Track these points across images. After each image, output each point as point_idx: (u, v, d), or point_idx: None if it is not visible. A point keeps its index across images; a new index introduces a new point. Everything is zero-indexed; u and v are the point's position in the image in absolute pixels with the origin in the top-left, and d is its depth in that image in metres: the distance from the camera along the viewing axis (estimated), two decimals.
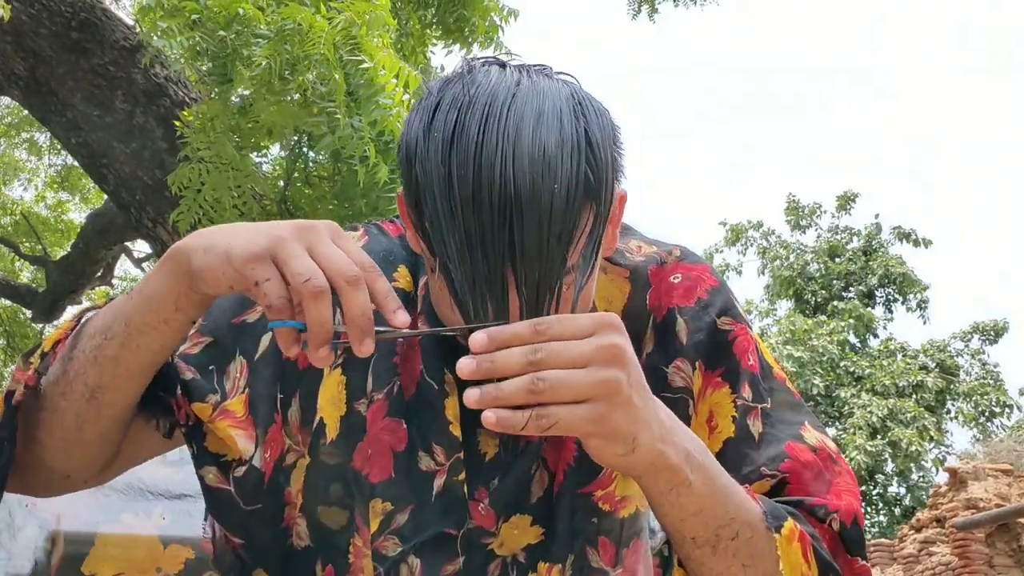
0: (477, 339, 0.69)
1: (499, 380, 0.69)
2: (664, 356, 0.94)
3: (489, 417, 0.69)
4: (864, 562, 0.89)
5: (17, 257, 10.18)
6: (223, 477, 0.88)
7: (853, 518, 0.88)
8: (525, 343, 0.69)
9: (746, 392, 0.92)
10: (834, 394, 17.86)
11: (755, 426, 0.91)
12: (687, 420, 0.92)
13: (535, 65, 0.84)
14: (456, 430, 0.88)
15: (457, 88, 0.79)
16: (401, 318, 0.72)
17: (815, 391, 17.56)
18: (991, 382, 18.42)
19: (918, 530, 9.62)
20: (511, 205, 0.73)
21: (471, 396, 0.69)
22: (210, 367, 0.89)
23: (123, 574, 1.13)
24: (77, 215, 10.77)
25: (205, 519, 0.92)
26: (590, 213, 0.78)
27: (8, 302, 9.65)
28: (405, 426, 0.89)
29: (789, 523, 0.83)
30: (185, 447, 0.91)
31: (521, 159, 0.73)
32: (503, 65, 0.82)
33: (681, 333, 0.94)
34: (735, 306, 0.97)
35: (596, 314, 0.72)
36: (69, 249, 7.85)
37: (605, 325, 0.71)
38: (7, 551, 1.14)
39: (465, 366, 0.69)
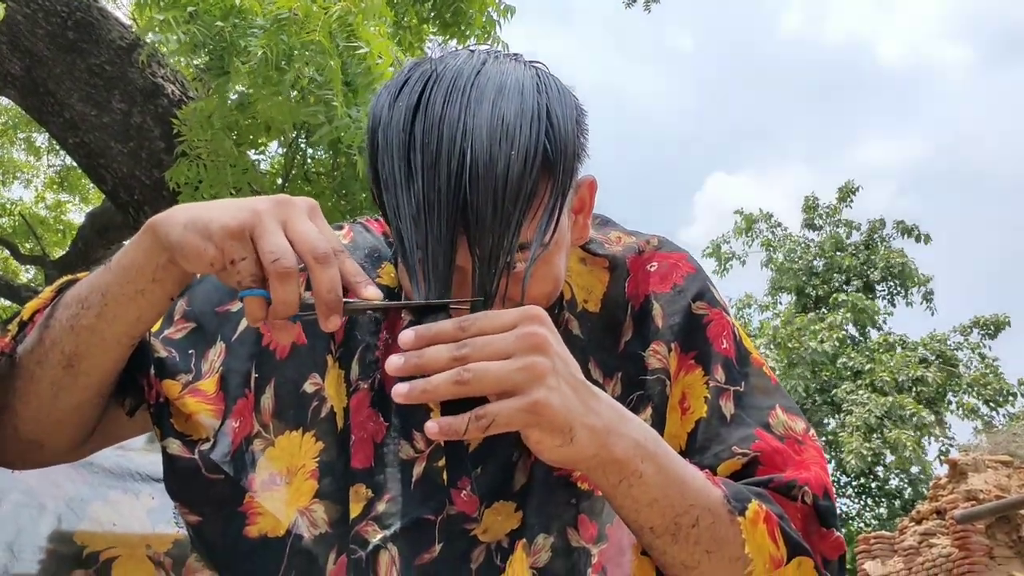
0: (405, 336, 0.70)
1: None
2: (642, 342, 0.95)
3: (432, 427, 0.69)
4: (839, 533, 0.90)
5: (12, 258, 10.19)
6: (187, 449, 0.87)
7: (823, 490, 0.88)
8: (451, 340, 0.70)
9: (719, 375, 0.93)
10: (832, 390, 17.79)
11: (727, 407, 0.92)
12: (664, 400, 0.93)
13: (506, 52, 0.87)
14: (437, 416, 0.88)
15: (426, 66, 0.82)
16: (371, 292, 0.73)
17: (802, 392, 17.50)
18: (991, 375, 18.38)
19: (918, 522, 9.63)
20: (467, 170, 0.74)
21: (400, 391, 0.69)
22: (190, 351, 0.90)
23: (115, 548, 1.13)
24: (76, 215, 10.78)
25: (175, 509, 0.91)
26: (548, 186, 0.79)
27: (7, 302, 9.66)
28: (383, 419, 0.90)
29: (753, 505, 0.83)
30: None
31: (480, 128, 0.75)
32: (472, 50, 0.85)
33: (657, 318, 0.95)
34: (711, 291, 0.98)
35: (520, 308, 0.73)
36: (68, 249, 7.86)
37: (528, 318, 0.72)
38: None
39: (393, 363, 0.69)
